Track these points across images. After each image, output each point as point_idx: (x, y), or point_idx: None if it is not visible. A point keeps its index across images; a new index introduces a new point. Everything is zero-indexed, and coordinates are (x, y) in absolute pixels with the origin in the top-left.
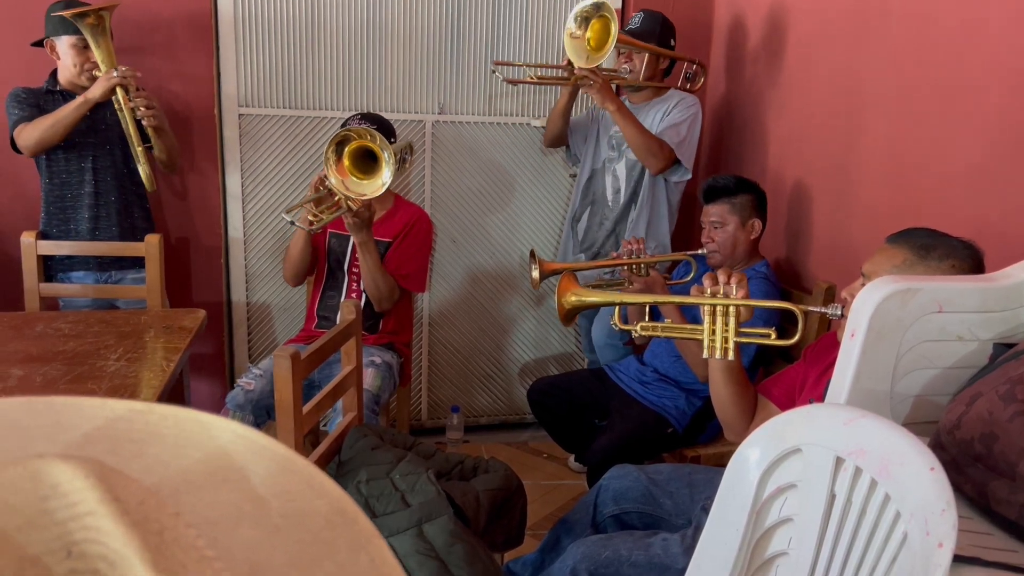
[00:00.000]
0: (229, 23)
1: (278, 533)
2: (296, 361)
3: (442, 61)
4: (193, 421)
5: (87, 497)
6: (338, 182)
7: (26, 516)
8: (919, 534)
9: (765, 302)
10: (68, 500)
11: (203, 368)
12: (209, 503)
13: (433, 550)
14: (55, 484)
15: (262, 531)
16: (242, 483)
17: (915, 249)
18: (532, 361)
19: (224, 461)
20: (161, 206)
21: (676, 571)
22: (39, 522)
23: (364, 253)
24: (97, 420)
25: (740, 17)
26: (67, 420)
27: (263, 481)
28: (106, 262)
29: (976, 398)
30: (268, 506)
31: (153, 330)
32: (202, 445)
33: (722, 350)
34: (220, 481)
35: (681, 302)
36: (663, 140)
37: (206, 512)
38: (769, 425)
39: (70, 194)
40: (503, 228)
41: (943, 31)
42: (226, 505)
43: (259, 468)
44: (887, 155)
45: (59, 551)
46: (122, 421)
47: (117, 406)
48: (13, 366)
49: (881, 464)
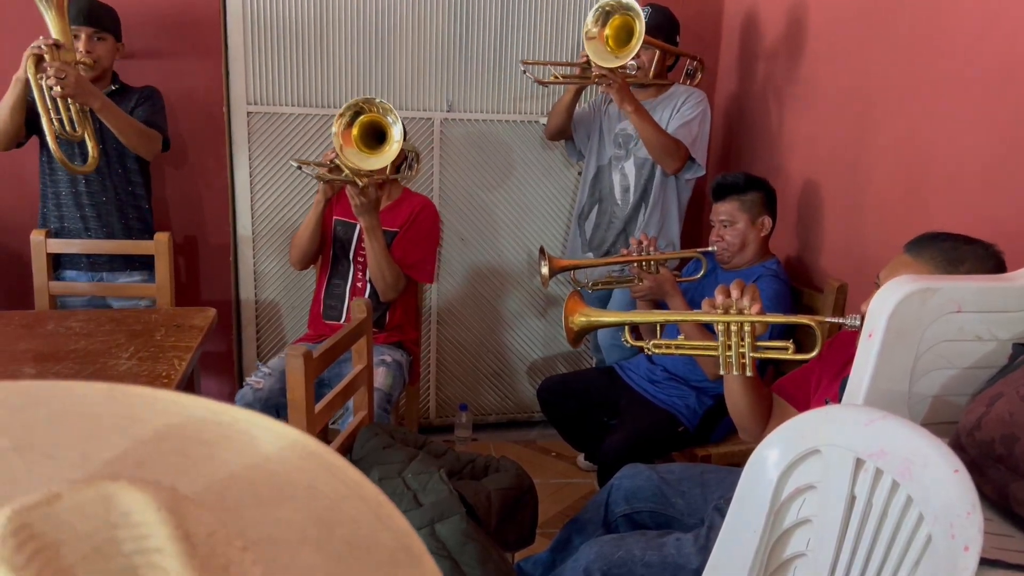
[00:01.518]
0: (238, 21)
1: (340, 562)
2: (309, 360)
3: (450, 59)
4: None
5: (158, 532)
6: (337, 144)
7: (93, 544)
8: (943, 537)
9: (781, 317)
10: (138, 532)
11: (212, 367)
12: (273, 520)
13: (445, 549)
14: (127, 512)
15: (324, 557)
16: (309, 503)
17: (940, 264)
18: (540, 359)
19: (293, 477)
20: (169, 204)
21: (690, 571)
22: (105, 552)
23: (371, 239)
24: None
25: (750, 13)
26: (141, 413)
27: (331, 504)
28: (98, 263)
29: (996, 399)
30: (333, 532)
31: (164, 329)
32: (271, 456)
33: (739, 366)
34: (287, 498)
35: (696, 319)
36: (679, 140)
37: (269, 529)
38: (788, 426)
39: (64, 192)
40: (511, 225)
41: (956, 27)
42: (290, 524)
43: (328, 489)
44: (899, 152)
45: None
46: (194, 420)
47: (190, 403)
48: (25, 364)
49: (903, 466)
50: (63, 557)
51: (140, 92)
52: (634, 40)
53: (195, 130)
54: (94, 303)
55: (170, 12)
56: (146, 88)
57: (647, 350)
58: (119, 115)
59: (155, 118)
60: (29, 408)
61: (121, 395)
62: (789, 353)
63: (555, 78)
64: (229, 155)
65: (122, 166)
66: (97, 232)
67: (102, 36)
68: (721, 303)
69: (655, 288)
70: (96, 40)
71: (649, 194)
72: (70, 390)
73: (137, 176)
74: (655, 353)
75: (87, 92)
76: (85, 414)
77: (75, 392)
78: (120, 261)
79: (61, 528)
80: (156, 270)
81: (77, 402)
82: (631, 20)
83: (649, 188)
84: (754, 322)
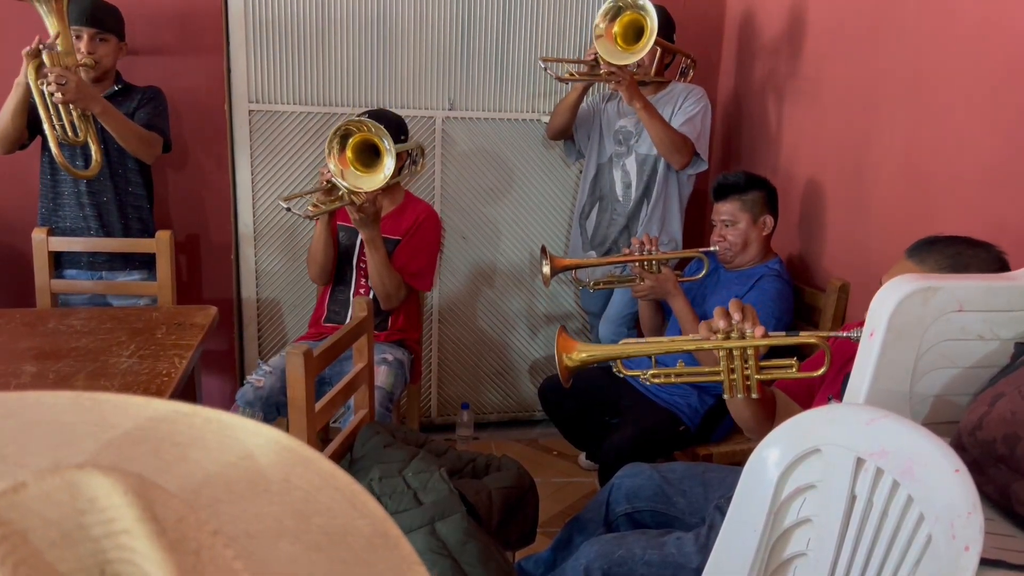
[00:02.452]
0: (239, 19)
1: (318, 551)
2: (309, 359)
3: (452, 57)
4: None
5: (125, 514)
6: (337, 171)
7: (61, 530)
8: (944, 537)
9: (784, 338)
10: (105, 516)
11: (213, 365)
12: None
13: (445, 548)
14: (93, 498)
15: (302, 547)
16: (284, 496)
17: (945, 271)
18: (542, 358)
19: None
20: (170, 202)
21: (690, 570)
22: (73, 537)
23: (371, 250)
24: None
25: (752, 12)
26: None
27: (306, 496)
28: (97, 262)
29: (998, 398)
30: (309, 522)
31: (165, 327)
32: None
33: (743, 388)
34: (261, 492)
35: (697, 348)
36: (686, 136)
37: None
38: (788, 425)
39: (67, 192)
40: (513, 224)
41: (960, 27)
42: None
43: (302, 482)
44: (903, 151)
45: (92, 569)
46: (166, 423)
47: (161, 407)
48: (26, 362)
49: (904, 465)
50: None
51: (143, 93)
52: (645, 38)
53: (196, 128)
54: (94, 301)
55: (172, 10)
56: (149, 89)
57: (644, 379)
58: (120, 120)
59: (156, 121)
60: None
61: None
62: (794, 372)
63: (571, 75)
64: (231, 153)
65: (123, 167)
66: (97, 232)
67: (104, 37)
68: (722, 328)
69: (657, 288)
70: (99, 41)
71: (652, 190)
72: (39, 400)
73: (137, 177)
74: (653, 383)
75: (88, 97)
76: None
77: (44, 402)
78: (120, 260)
79: (28, 516)
80: (157, 268)
81: (47, 411)
82: (641, 18)
83: (652, 184)
84: (757, 346)
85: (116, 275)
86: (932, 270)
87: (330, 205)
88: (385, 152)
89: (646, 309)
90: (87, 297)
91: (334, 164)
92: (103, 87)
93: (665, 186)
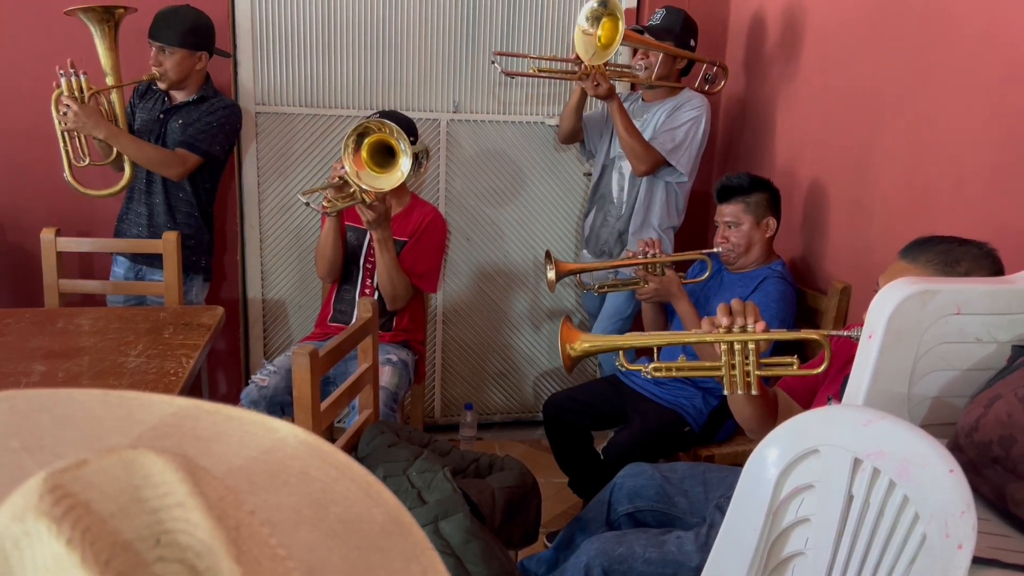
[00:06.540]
0: (246, 22)
1: (335, 538)
2: (314, 359)
3: (457, 60)
4: (257, 424)
5: (177, 489)
6: (352, 171)
7: (120, 503)
8: (938, 536)
9: (786, 334)
10: (160, 491)
11: (219, 364)
12: (271, 505)
13: (449, 547)
14: (148, 475)
15: (320, 535)
16: (302, 487)
17: (938, 268)
18: (546, 359)
19: (286, 465)
20: None
21: (690, 569)
22: (132, 510)
23: (382, 250)
24: (166, 416)
25: (757, 15)
26: (138, 414)
27: (323, 487)
28: (138, 256)
29: (994, 400)
30: (327, 511)
31: (172, 327)
32: (264, 448)
33: (743, 385)
34: (281, 484)
35: (698, 341)
36: (650, 145)
37: (267, 514)
38: (787, 425)
39: (134, 194)
40: (517, 226)
41: (962, 30)
42: (287, 508)
43: (319, 474)
44: (904, 155)
45: (149, 538)
46: (189, 419)
47: (185, 404)
48: (36, 361)
49: (900, 466)
50: (94, 512)
51: (208, 107)
52: (615, 40)
53: None
54: (129, 301)
55: None
56: (218, 106)
57: (646, 374)
58: (128, 143)
59: (198, 138)
60: (35, 413)
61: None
62: (794, 369)
63: (533, 71)
64: (237, 155)
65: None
66: (144, 230)
67: (170, 50)
68: (724, 322)
69: (661, 290)
70: (167, 54)
71: (638, 195)
72: (71, 396)
73: (186, 183)
74: (654, 376)
75: (89, 125)
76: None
77: (75, 398)
78: (155, 258)
79: (90, 488)
80: (164, 268)
81: (78, 407)
82: (618, 21)
83: (639, 189)
84: (758, 340)
85: (155, 272)
86: (925, 268)
87: (343, 203)
88: (401, 153)
89: (650, 311)
90: (123, 296)
91: (349, 164)
92: (185, 94)
93: (649, 192)
